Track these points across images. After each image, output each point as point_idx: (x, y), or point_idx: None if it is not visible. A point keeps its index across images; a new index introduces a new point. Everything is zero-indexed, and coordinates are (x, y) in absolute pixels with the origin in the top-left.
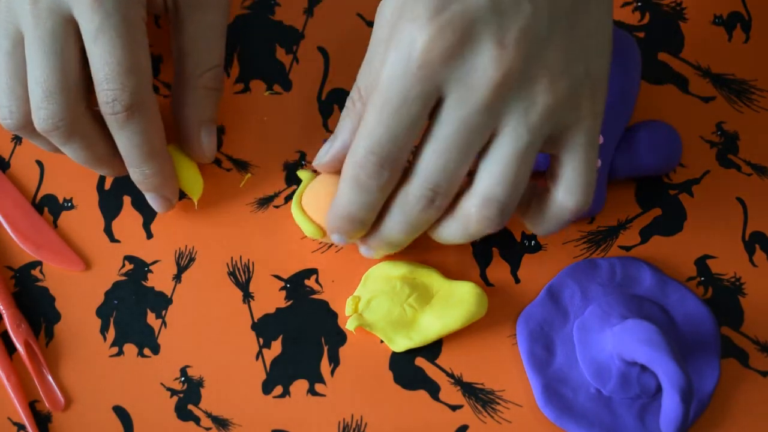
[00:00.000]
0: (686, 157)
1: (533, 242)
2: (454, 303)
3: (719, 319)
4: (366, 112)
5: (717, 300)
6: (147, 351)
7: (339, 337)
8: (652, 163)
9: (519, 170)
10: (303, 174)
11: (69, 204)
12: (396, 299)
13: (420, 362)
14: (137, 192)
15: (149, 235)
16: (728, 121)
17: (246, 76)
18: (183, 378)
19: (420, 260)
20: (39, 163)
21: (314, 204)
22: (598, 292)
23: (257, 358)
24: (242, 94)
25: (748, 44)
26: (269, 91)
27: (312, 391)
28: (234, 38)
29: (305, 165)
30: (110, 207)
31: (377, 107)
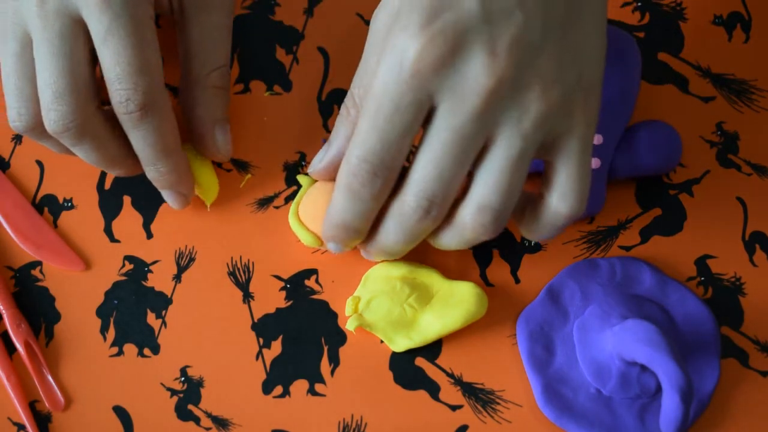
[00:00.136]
0: (686, 157)
1: (533, 242)
2: (454, 303)
3: (719, 319)
4: (359, 120)
5: (717, 300)
6: (147, 351)
7: (339, 337)
8: (652, 163)
9: (513, 178)
10: (303, 179)
11: (69, 204)
12: (396, 299)
13: (420, 362)
14: (137, 192)
15: (149, 235)
16: (728, 121)
17: (246, 76)
18: (183, 378)
19: (420, 260)
20: (39, 163)
21: (311, 212)
22: (598, 292)
23: (257, 358)
24: (242, 94)
25: (748, 44)
26: (269, 91)
27: (312, 391)
28: (234, 38)
29: (305, 167)
30: (110, 207)
31: (370, 115)
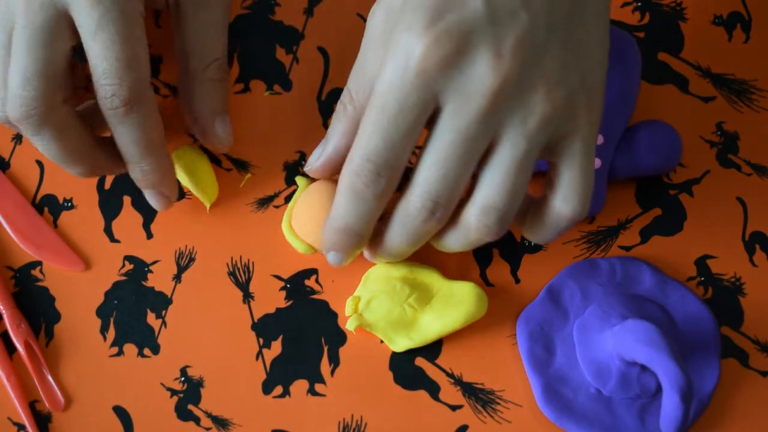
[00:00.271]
0: (686, 157)
1: (533, 242)
2: (454, 303)
3: (719, 319)
4: (362, 121)
5: (717, 300)
6: (147, 351)
7: (339, 337)
8: (652, 163)
9: (517, 179)
10: (300, 180)
11: (69, 204)
12: (396, 299)
13: (420, 362)
14: (137, 192)
15: (149, 235)
16: (728, 121)
17: (246, 76)
18: (183, 378)
19: (420, 260)
20: (39, 163)
21: (303, 219)
22: (598, 292)
23: (257, 358)
24: (242, 94)
25: (748, 44)
26: (269, 91)
27: (312, 391)
28: (234, 38)
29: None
30: (110, 207)
31: (374, 115)
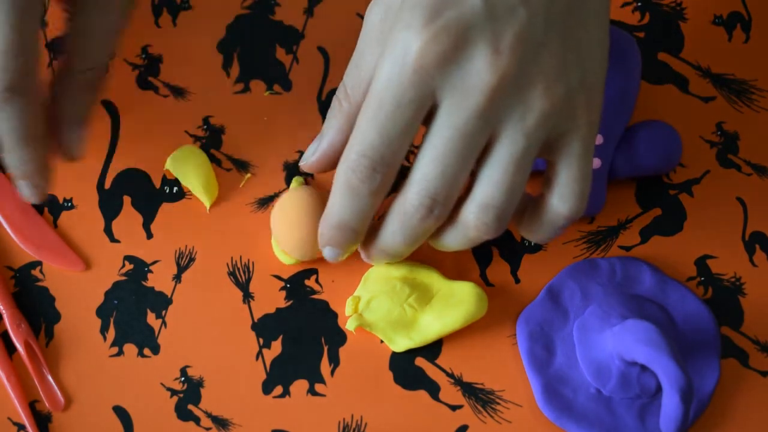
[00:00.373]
0: (686, 157)
1: (533, 242)
2: (454, 303)
3: (719, 319)
4: (359, 117)
5: (717, 300)
6: (147, 351)
7: (339, 337)
8: (652, 163)
9: (516, 176)
10: (295, 182)
11: (69, 204)
12: (396, 299)
13: (420, 362)
14: (137, 192)
15: (149, 235)
16: (728, 121)
17: (246, 76)
18: (183, 378)
19: (420, 260)
20: None
21: (280, 229)
22: (598, 292)
23: (257, 358)
24: (242, 94)
25: (748, 44)
26: (269, 91)
27: (312, 391)
28: (234, 38)
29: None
30: (110, 207)
31: (371, 111)
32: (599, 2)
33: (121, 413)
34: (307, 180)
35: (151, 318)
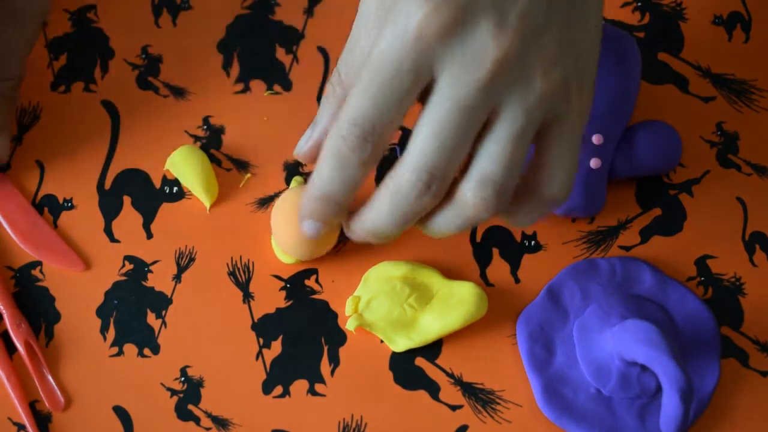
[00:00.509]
0: (686, 157)
1: (533, 242)
2: (454, 303)
3: (719, 319)
4: (353, 88)
5: (717, 300)
6: (147, 351)
7: (339, 337)
8: (652, 163)
9: (515, 153)
10: (295, 182)
11: (69, 204)
12: (396, 299)
13: (420, 362)
14: (137, 192)
15: (149, 235)
16: (728, 121)
17: (246, 76)
18: (183, 378)
19: (420, 260)
20: (39, 164)
21: (279, 227)
22: (598, 292)
23: (257, 358)
24: (242, 94)
25: (748, 44)
26: (269, 91)
27: (312, 391)
28: (234, 38)
29: (305, 166)
30: (110, 207)
31: (366, 80)
32: None
33: (121, 413)
34: (307, 179)
35: (151, 318)
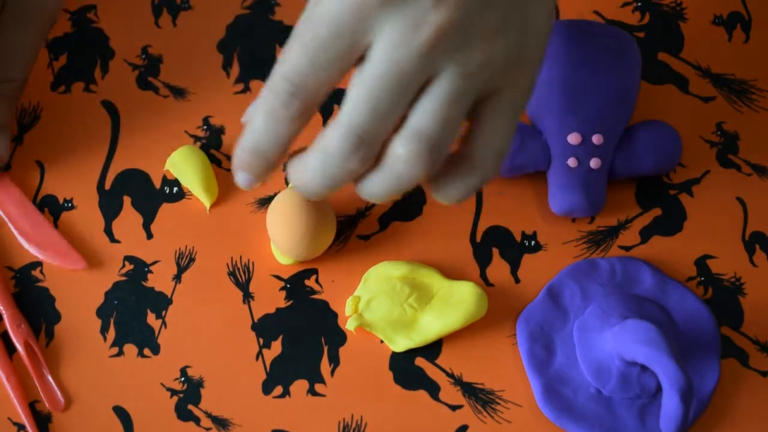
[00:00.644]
0: (686, 157)
1: (533, 242)
2: (454, 303)
3: (719, 319)
4: (290, 43)
5: (717, 300)
6: (147, 351)
7: (339, 337)
8: (652, 163)
9: (450, 112)
10: None
11: (69, 204)
12: (396, 299)
13: (420, 362)
14: (137, 192)
15: (149, 236)
16: (728, 121)
17: (246, 76)
18: (183, 378)
19: (420, 260)
20: (39, 164)
21: (275, 227)
22: (598, 292)
23: (257, 358)
24: (242, 94)
25: (748, 44)
26: None
27: (312, 391)
28: (234, 38)
29: None
30: (110, 207)
31: (304, 38)
32: None
33: (121, 413)
34: None
35: (151, 318)
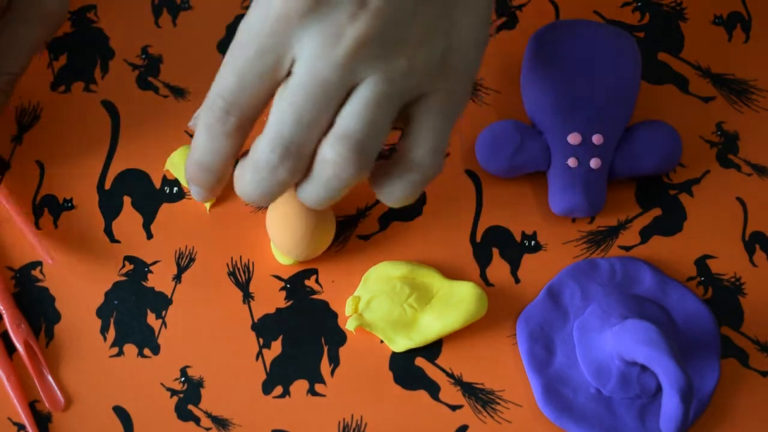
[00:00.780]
0: (686, 157)
1: (533, 242)
2: (454, 303)
3: (719, 319)
4: (224, 60)
5: (717, 300)
6: (147, 351)
7: (339, 337)
8: (652, 163)
9: (376, 113)
10: None
11: (69, 204)
12: (396, 299)
13: (420, 362)
14: (137, 192)
15: (149, 236)
16: (728, 121)
17: None
18: (183, 378)
19: (420, 260)
20: (39, 164)
21: (274, 227)
22: (598, 292)
23: (257, 358)
24: None
25: (748, 44)
26: None
27: (312, 391)
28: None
29: None
30: (110, 207)
31: (233, 56)
32: None
33: (121, 413)
34: None
35: (151, 318)
